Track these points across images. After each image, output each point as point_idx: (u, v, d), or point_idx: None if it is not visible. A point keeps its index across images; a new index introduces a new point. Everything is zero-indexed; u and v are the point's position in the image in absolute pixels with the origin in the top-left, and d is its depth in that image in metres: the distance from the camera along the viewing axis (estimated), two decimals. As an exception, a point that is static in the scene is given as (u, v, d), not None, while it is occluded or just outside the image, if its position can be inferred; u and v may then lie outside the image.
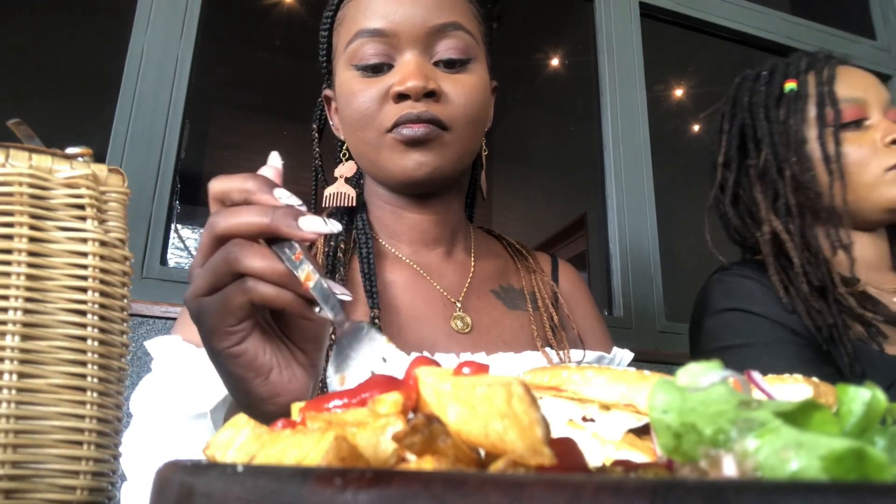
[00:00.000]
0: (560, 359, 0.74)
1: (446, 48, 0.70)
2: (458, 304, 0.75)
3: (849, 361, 0.86)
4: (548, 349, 0.74)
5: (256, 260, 0.42)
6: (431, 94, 0.68)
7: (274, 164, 0.48)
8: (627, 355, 0.83)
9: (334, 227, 0.43)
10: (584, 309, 0.86)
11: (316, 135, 0.86)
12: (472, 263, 0.80)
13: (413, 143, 0.68)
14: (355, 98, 0.70)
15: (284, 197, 0.44)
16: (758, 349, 0.89)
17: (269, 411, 0.46)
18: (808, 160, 0.96)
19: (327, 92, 0.82)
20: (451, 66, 0.71)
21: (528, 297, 0.79)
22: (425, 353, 0.69)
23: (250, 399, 0.46)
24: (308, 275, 0.42)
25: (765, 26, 2.09)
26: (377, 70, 0.70)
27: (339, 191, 0.76)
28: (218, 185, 0.45)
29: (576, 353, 0.76)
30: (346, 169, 0.78)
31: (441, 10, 0.70)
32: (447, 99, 0.70)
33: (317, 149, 0.86)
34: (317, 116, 0.86)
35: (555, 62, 3.64)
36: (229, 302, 0.43)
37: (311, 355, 0.49)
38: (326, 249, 0.74)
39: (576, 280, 0.88)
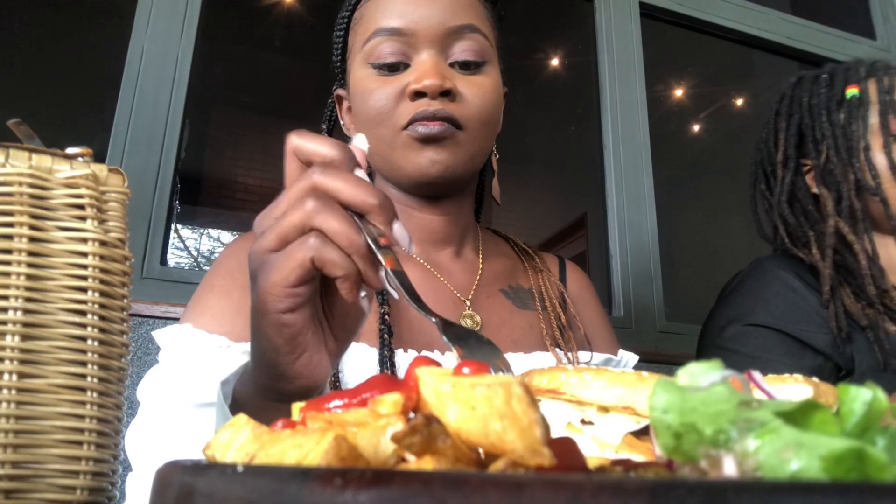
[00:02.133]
0: (569, 360, 0.74)
1: (462, 50, 0.72)
2: (468, 303, 0.74)
3: (882, 357, 0.90)
4: (557, 350, 0.74)
5: (335, 220, 0.40)
6: (447, 93, 0.69)
7: (360, 144, 0.45)
8: (633, 358, 0.83)
9: (412, 249, 0.43)
10: (591, 311, 0.85)
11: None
12: (481, 263, 0.80)
13: (428, 141, 0.69)
14: (371, 95, 0.71)
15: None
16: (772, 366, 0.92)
17: (287, 390, 0.45)
18: (874, 168, 0.98)
19: (339, 91, 0.82)
20: (467, 67, 0.72)
21: (536, 296, 0.79)
22: (424, 353, 0.69)
23: (274, 371, 0.45)
24: (392, 260, 0.41)
25: (765, 26, 2.09)
26: (393, 69, 0.71)
27: None
28: (300, 142, 0.43)
29: (583, 355, 0.76)
30: None
31: (458, 13, 0.72)
32: (462, 99, 0.70)
33: None
34: (326, 117, 0.86)
35: (555, 62, 3.64)
36: (291, 257, 0.40)
37: (342, 345, 0.48)
38: None
39: (583, 282, 0.88)
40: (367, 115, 0.71)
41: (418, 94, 0.69)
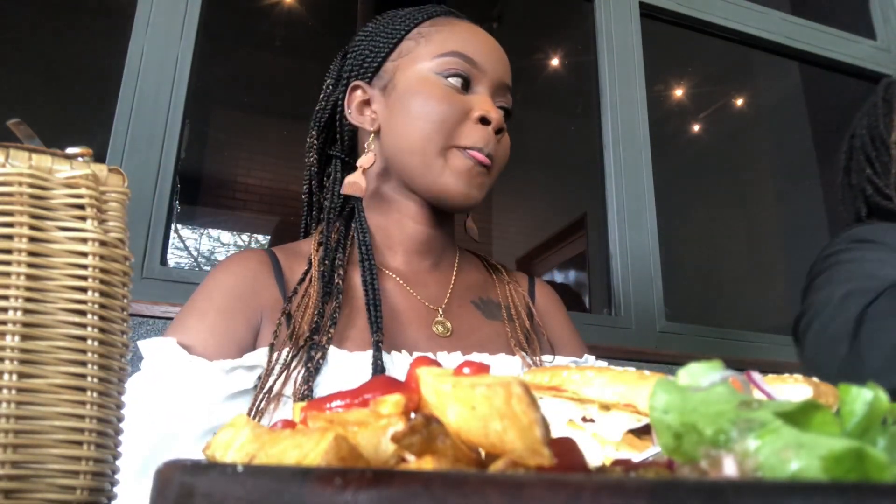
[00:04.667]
0: (533, 363, 0.78)
1: (505, 101, 0.83)
2: (440, 311, 0.79)
3: None
4: (522, 353, 0.79)
5: None
6: (500, 132, 0.79)
7: None
8: (601, 364, 0.85)
9: None
10: (559, 321, 0.91)
11: (315, 141, 0.86)
12: (454, 276, 0.85)
13: (477, 170, 0.76)
14: (440, 101, 0.76)
15: None
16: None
17: None
18: None
19: (359, 83, 0.83)
20: (506, 117, 0.81)
21: (504, 308, 0.85)
22: (415, 353, 0.71)
23: None
24: None
25: (765, 26, 2.09)
26: (464, 86, 0.79)
27: (356, 181, 0.79)
28: None
29: (547, 359, 0.81)
30: (366, 160, 0.80)
31: (510, 75, 0.84)
32: (501, 141, 0.80)
33: (314, 157, 0.86)
34: (317, 122, 0.86)
35: (555, 62, 3.64)
36: None
37: None
38: (321, 269, 0.74)
39: (551, 296, 0.94)
40: (428, 116, 0.76)
41: (483, 121, 0.77)
